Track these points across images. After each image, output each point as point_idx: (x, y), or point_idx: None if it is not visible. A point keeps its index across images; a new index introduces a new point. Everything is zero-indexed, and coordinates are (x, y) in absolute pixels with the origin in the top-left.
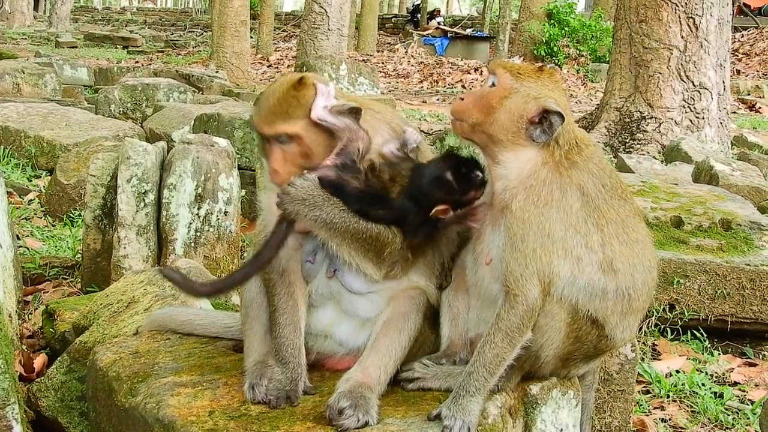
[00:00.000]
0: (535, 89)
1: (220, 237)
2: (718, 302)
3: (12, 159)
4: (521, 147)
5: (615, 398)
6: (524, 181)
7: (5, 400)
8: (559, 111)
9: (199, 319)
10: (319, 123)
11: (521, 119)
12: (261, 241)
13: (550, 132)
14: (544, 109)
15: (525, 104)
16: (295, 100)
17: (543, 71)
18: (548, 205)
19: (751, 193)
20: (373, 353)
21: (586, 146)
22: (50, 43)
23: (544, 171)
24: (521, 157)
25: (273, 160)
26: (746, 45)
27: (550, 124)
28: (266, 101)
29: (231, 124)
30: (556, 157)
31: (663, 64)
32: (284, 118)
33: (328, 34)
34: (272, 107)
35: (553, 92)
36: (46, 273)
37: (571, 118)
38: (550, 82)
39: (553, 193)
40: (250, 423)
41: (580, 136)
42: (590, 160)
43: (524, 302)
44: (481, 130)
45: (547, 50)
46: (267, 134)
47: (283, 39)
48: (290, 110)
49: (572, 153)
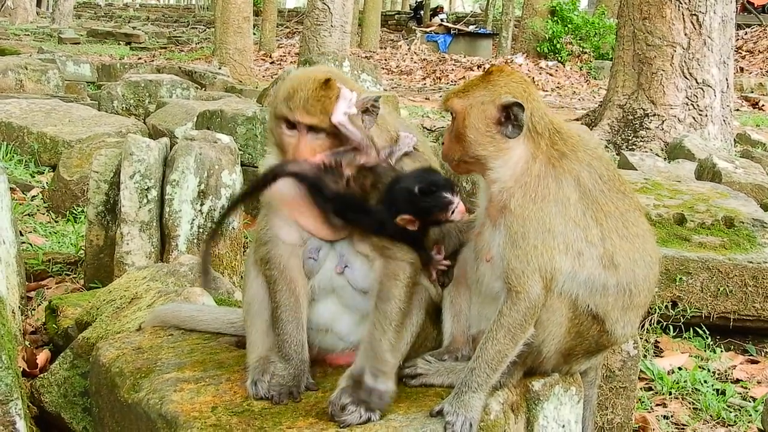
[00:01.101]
0: (486, 94)
1: (222, 233)
2: (721, 299)
3: (15, 155)
4: (506, 150)
5: (617, 395)
6: (519, 179)
7: (8, 396)
8: (515, 101)
9: (201, 315)
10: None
11: (489, 127)
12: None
13: (519, 122)
14: (502, 105)
15: (483, 112)
16: (326, 98)
17: (490, 74)
18: (546, 200)
19: (754, 190)
20: None
21: (570, 134)
22: (53, 40)
23: (536, 166)
24: (511, 159)
25: (301, 150)
26: (750, 42)
27: (515, 116)
28: (300, 91)
29: (234, 120)
30: (542, 148)
31: (666, 61)
32: (324, 109)
33: (331, 30)
34: (310, 97)
35: (507, 86)
36: (49, 269)
37: (539, 104)
38: (501, 79)
39: (549, 187)
40: (253, 419)
41: (559, 122)
42: (578, 149)
43: (526, 299)
44: (467, 158)
45: (550, 47)
46: (303, 123)
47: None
48: (325, 105)
49: (557, 142)
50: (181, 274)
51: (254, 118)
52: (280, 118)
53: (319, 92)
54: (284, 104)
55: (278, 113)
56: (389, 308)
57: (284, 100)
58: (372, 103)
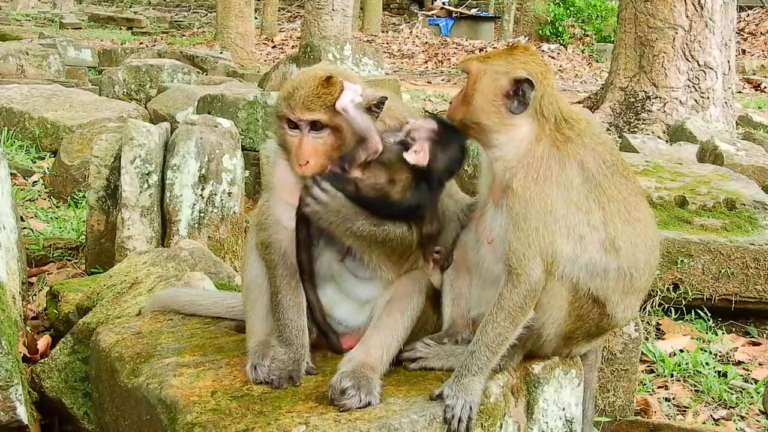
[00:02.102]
0: (503, 66)
1: (224, 218)
2: (722, 281)
3: (16, 140)
4: (511, 126)
5: (619, 377)
6: (522, 159)
7: (9, 381)
8: (528, 77)
9: (201, 299)
10: (344, 114)
11: (496, 96)
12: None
13: (525, 100)
14: (514, 80)
15: (495, 81)
16: (328, 95)
17: (515, 48)
18: (548, 181)
19: (755, 172)
20: (376, 333)
21: (577, 121)
22: (54, 25)
23: (540, 147)
24: (515, 137)
25: (304, 149)
26: (752, 24)
27: (524, 93)
28: (301, 89)
29: (235, 104)
30: (547, 131)
31: (668, 43)
32: (325, 105)
33: (332, 14)
34: (310, 94)
35: (526, 65)
36: (50, 254)
37: (552, 90)
38: (523, 56)
39: (551, 169)
40: (253, 403)
41: (569, 110)
42: (584, 135)
43: (527, 281)
44: (470, 122)
45: (552, 30)
46: (304, 119)
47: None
48: (327, 101)
49: (563, 127)
50: (181, 259)
51: (255, 102)
52: (281, 117)
53: (320, 89)
54: (285, 103)
55: (279, 113)
56: (401, 320)
57: (285, 99)
58: (377, 102)
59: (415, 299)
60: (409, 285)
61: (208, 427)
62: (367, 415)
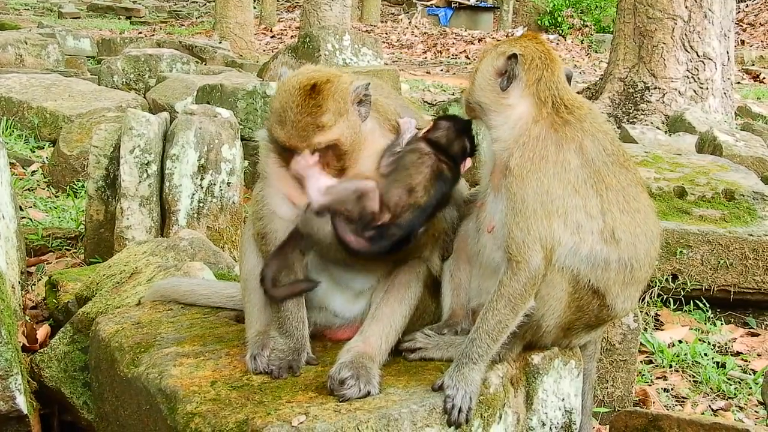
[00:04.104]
0: (505, 47)
1: (223, 208)
2: (721, 272)
3: (15, 130)
4: (507, 107)
5: (617, 368)
6: (518, 139)
7: (8, 371)
8: (515, 52)
9: (201, 289)
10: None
11: (492, 75)
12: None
13: (512, 74)
14: (507, 57)
15: (493, 60)
16: (318, 108)
17: (524, 35)
18: (544, 160)
19: (754, 163)
20: (374, 323)
21: (578, 107)
22: (53, 14)
23: (536, 128)
24: (511, 117)
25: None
26: (751, 15)
27: (512, 69)
28: (289, 114)
29: (234, 94)
30: (544, 114)
31: (667, 34)
32: (317, 128)
33: (331, 4)
34: (302, 119)
35: (525, 47)
36: (49, 244)
37: (552, 76)
38: (528, 42)
39: (548, 149)
40: (252, 393)
41: (570, 97)
42: (584, 120)
43: (527, 269)
44: (471, 101)
45: (551, 20)
46: (304, 148)
47: (286, 9)
48: (319, 119)
49: (562, 111)
50: (180, 249)
51: (254, 92)
52: (275, 142)
53: (309, 105)
54: (278, 128)
55: (273, 137)
56: (399, 310)
57: (277, 123)
58: (363, 92)
59: (413, 288)
60: (406, 274)
61: (208, 417)
62: (367, 405)
